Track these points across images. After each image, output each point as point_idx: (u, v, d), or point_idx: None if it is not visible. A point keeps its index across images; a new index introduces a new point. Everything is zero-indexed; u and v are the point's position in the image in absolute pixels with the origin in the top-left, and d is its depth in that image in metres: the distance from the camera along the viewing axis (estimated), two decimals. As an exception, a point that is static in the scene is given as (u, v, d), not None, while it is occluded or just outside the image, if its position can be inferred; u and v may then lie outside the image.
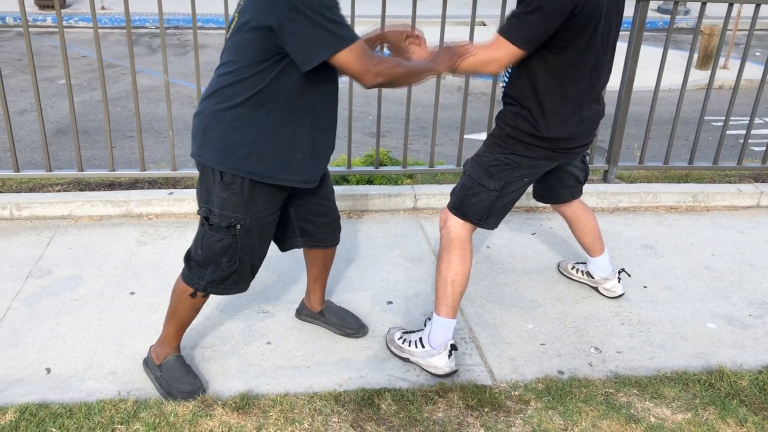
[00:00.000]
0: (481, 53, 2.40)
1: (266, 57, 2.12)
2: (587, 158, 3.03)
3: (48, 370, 2.64)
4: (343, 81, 2.58)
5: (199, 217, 2.41)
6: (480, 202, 2.64)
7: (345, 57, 2.06)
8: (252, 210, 2.31)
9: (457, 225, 2.69)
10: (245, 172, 2.25)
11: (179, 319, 2.55)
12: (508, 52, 2.37)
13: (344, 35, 2.05)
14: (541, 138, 2.55)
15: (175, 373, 2.55)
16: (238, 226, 2.31)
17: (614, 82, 4.27)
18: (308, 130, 2.29)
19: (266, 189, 2.31)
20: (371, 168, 4.26)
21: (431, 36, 2.51)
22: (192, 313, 2.54)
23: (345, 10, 2.45)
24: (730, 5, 4.17)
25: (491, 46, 2.40)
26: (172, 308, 2.54)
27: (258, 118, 2.20)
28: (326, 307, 2.96)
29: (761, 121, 7.31)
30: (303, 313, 3.00)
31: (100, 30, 5.01)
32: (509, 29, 2.36)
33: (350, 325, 2.92)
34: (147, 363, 2.63)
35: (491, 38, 2.41)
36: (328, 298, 3.06)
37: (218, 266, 2.38)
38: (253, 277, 2.51)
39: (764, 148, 4.65)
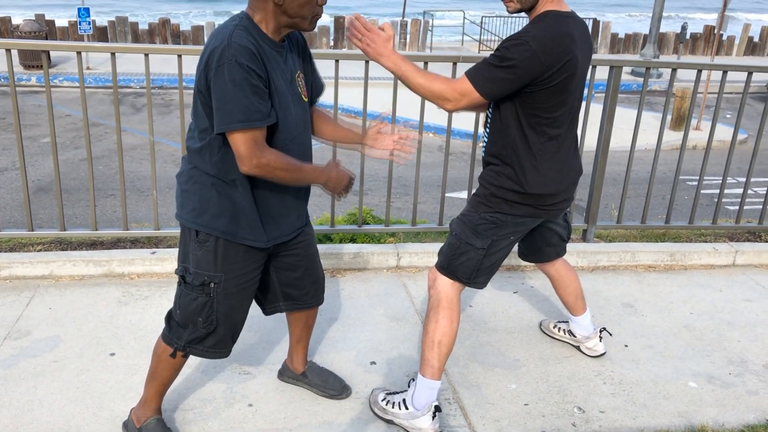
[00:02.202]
0: (441, 86, 2.46)
1: (212, 122, 2.15)
2: (569, 216, 3.09)
3: (24, 435, 2.58)
4: (327, 142, 2.63)
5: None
6: (468, 261, 2.68)
7: (234, 137, 2.07)
8: (227, 269, 2.32)
9: (446, 285, 2.72)
10: (218, 231, 2.28)
11: (159, 380, 2.53)
12: (470, 97, 2.44)
13: (240, 118, 2.04)
14: (525, 195, 2.60)
15: None
16: (212, 285, 2.32)
17: (591, 143, 4.39)
18: (273, 189, 2.30)
19: (242, 248, 2.33)
20: (354, 226, 4.30)
21: (414, 96, 2.57)
22: (172, 373, 2.52)
23: (330, 70, 2.51)
24: (699, 71, 4.33)
25: (455, 85, 2.45)
26: (152, 369, 2.52)
27: (225, 179, 2.24)
28: (309, 368, 2.94)
29: (734, 181, 7.49)
30: (285, 374, 2.97)
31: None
32: (477, 76, 2.42)
33: (333, 387, 2.90)
34: (127, 426, 2.59)
35: (458, 77, 2.49)
36: (310, 359, 3.04)
37: (195, 327, 2.38)
38: (233, 342, 2.50)
39: (737, 207, 4.76)
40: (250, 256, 2.36)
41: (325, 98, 2.65)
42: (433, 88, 2.47)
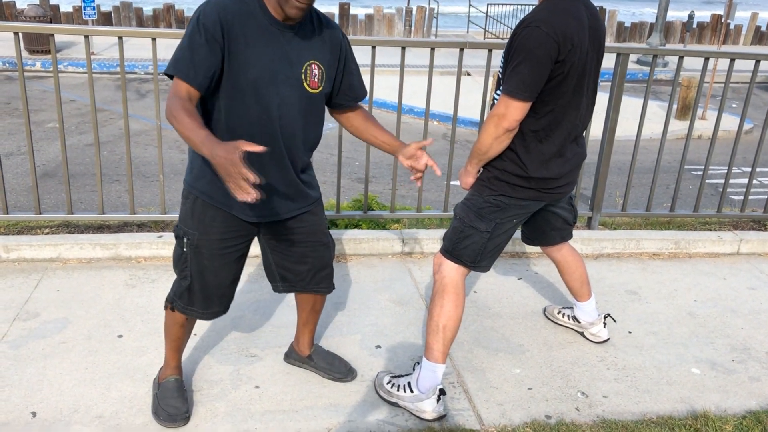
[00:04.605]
0: (491, 127, 2.50)
1: None
2: (574, 201, 3.10)
3: (33, 414, 2.61)
4: (329, 127, 2.64)
5: None
6: (472, 244, 2.70)
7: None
8: (202, 229, 2.39)
9: (451, 270, 2.73)
10: (197, 191, 2.37)
11: (170, 337, 2.66)
12: (513, 105, 2.44)
13: (173, 63, 2.10)
14: (528, 179, 2.62)
15: (166, 394, 2.64)
16: (186, 239, 2.42)
17: (597, 131, 4.39)
18: (253, 167, 2.27)
19: (220, 213, 2.38)
20: (359, 212, 4.31)
21: (419, 84, 2.59)
22: (179, 330, 2.63)
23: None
24: (706, 59, 4.32)
25: (497, 106, 2.49)
26: (164, 326, 2.67)
27: None
28: (315, 352, 2.97)
29: (739, 171, 7.48)
30: (292, 357, 3.00)
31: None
32: (507, 85, 2.45)
33: (338, 370, 2.93)
34: (154, 379, 2.76)
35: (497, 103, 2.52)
36: (316, 342, 3.07)
37: (177, 277, 2.52)
38: (211, 304, 2.54)
39: (742, 197, 4.77)
40: (228, 222, 2.40)
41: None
42: (488, 133, 2.52)
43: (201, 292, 2.50)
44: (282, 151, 2.33)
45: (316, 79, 2.32)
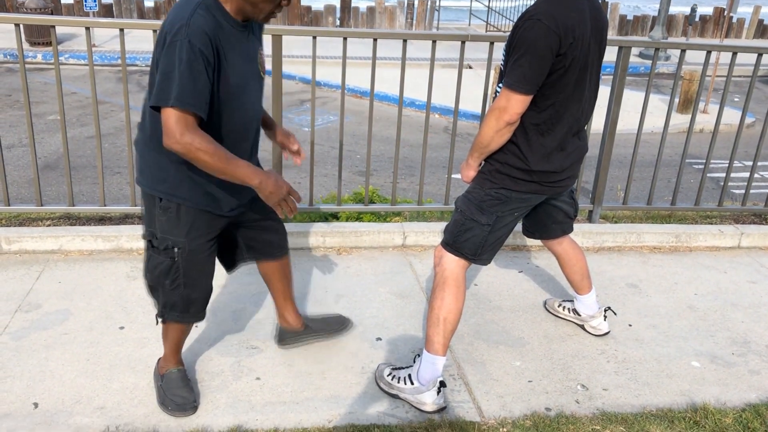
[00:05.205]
0: (492, 121, 2.51)
1: None
2: (575, 194, 3.10)
3: (35, 405, 2.63)
4: (330, 120, 2.66)
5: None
6: (473, 237, 2.70)
7: (165, 111, 2.06)
8: (192, 234, 2.39)
9: (452, 262, 2.74)
10: (179, 198, 2.34)
11: (171, 340, 2.67)
12: (515, 99, 2.44)
13: (176, 95, 2.04)
14: (530, 172, 2.62)
15: (172, 385, 2.65)
16: (176, 249, 2.40)
17: (598, 124, 4.39)
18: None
19: (205, 215, 2.39)
20: (360, 205, 4.32)
21: (421, 77, 2.58)
22: (179, 334, 2.66)
23: (336, 50, 2.51)
24: (708, 52, 4.31)
25: (498, 99, 2.49)
26: (163, 330, 2.67)
27: (173, 155, 2.26)
28: (307, 321, 3.03)
29: (740, 165, 7.47)
30: (286, 337, 3.02)
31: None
32: (508, 78, 2.45)
33: (335, 323, 3.04)
34: (154, 372, 2.77)
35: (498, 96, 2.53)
36: (316, 335, 3.08)
37: (164, 289, 2.48)
38: (205, 303, 2.59)
39: (743, 191, 4.77)
40: (213, 222, 2.43)
41: (333, 78, 2.65)
42: (489, 126, 2.52)
43: (199, 295, 2.53)
44: (256, 142, 2.44)
45: (264, 64, 2.41)
